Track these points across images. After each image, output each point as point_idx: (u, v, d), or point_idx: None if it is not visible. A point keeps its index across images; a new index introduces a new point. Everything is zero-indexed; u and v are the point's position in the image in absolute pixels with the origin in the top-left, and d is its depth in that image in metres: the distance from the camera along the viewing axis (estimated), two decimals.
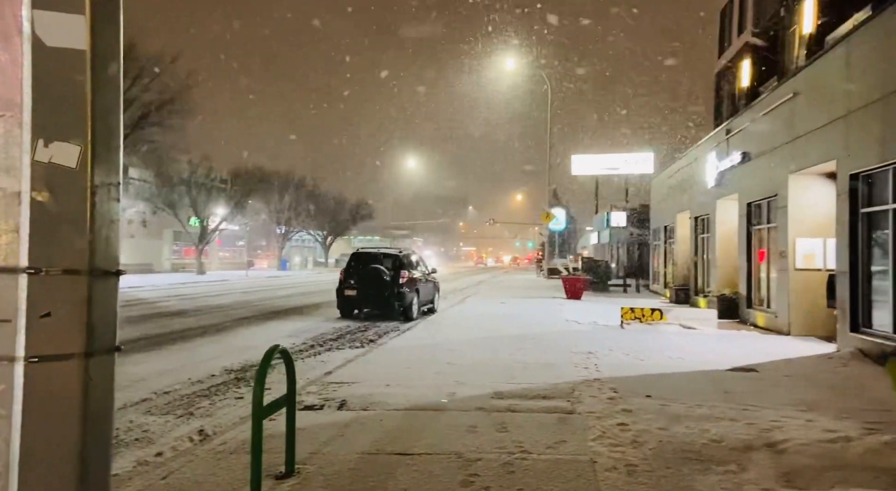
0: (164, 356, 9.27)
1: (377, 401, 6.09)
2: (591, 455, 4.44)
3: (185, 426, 5.60)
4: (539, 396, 6.32)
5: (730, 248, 15.89)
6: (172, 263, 45.87)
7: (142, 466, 4.50)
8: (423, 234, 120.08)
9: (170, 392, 6.90)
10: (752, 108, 14.46)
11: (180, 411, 6.13)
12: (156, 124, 31.38)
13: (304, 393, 6.48)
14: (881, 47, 8.81)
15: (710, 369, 8.16)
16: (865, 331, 9.24)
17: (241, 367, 8.45)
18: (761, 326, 13.23)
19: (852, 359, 8.78)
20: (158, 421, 5.76)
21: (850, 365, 8.48)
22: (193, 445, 4.95)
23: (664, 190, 24.23)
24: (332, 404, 5.99)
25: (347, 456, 4.45)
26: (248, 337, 11.49)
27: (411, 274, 15.03)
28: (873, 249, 9.35)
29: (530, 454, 4.46)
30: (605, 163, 44.99)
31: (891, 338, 8.54)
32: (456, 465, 4.25)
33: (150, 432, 5.41)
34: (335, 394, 6.42)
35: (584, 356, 8.96)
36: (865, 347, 8.94)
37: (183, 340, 10.89)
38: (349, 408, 5.86)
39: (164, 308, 17.03)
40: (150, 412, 6.08)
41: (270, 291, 25.74)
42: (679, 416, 5.51)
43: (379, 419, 5.44)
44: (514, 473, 4.09)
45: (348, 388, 6.72)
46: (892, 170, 8.63)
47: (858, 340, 9.20)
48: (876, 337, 8.87)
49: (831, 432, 4.92)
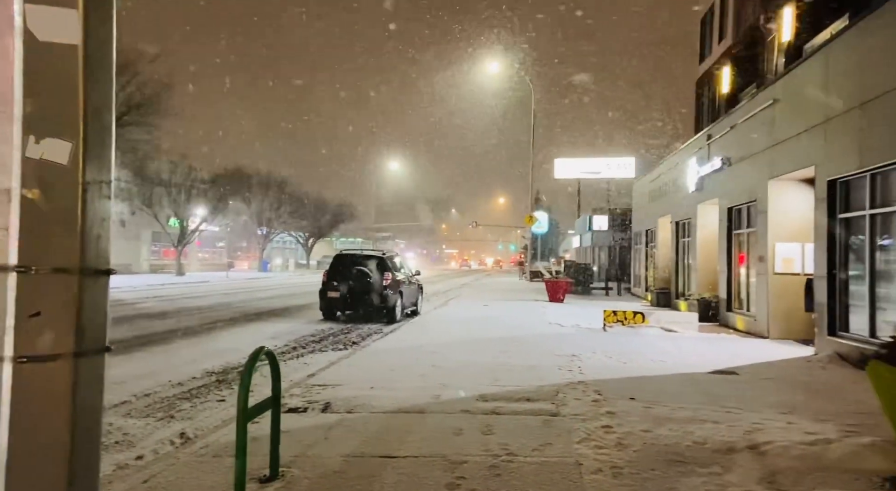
0: (143, 358, 9.13)
1: (361, 403, 6.06)
2: (577, 457, 4.45)
3: (166, 429, 5.52)
4: (524, 399, 6.33)
5: (710, 252, 16.09)
6: (151, 264, 45.24)
7: (122, 470, 4.43)
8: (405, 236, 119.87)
9: (150, 395, 6.80)
10: (732, 114, 14.67)
11: (161, 414, 6.05)
12: (135, 123, 30.96)
13: (287, 395, 6.42)
14: (858, 55, 8.99)
15: (692, 372, 8.24)
16: (843, 334, 9.41)
17: (222, 369, 8.36)
18: (741, 330, 13.41)
19: (830, 362, 8.93)
20: (138, 424, 5.67)
21: (828, 368, 8.62)
22: (175, 449, 4.89)
23: (646, 194, 24.47)
24: (316, 407, 5.94)
25: (332, 459, 4.42)
26: (229, 339, 11.36)
27: (395, 276, 15.00)
28: (850, 253, 9.53)
29: (516, 457, 4.46)
30: (588, 167, 45.40)
31: (868, 341, 8.69)
32: (442, 467, 4.24)
33: (130, 435, 5.33)
34: (319, 396, 6.38)
35: (568, 359, 9.00)
36: (843, 351, 9.09)
37: (163, 342, 10.75)
38: (333, 410, 5.82)
39: (143, 309, 16.79)
40: (129, 415, 5.99)
41: (251, 292, 25.51)
42: (663, 418, 5.56)
43: (363, 422, 5.41)
44: (501, 476, 4.10)
45: (332, 390, 6.68)
46: (869, 176, 8.81)
47: (836, 343, 9.36)
48: (853, 341, 9.03)
49: (811, 434, 4.99)
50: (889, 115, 8.05)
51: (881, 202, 8.69)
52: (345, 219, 66.37)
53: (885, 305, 8.62)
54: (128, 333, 11.56)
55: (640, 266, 26.06)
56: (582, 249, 47.86)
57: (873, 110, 8.42)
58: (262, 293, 24.90)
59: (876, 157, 8.40)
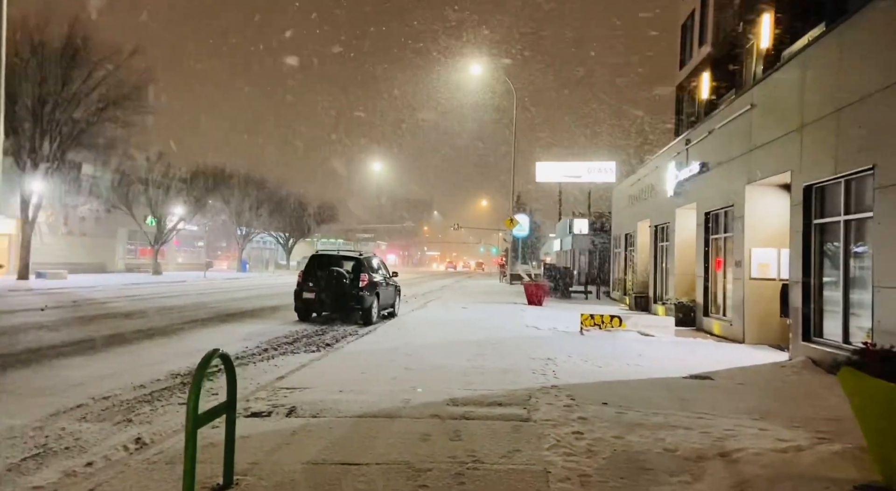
0: (107, 359, 8.84)
1: (328, 407, 5.89)
2: (545, 465, 4.32)
3: (122, 434, 5.30)
4: (495, 403, 6.20)
5: (688, 256, 16.13)
6: (127, 263, 44.43)
7: (69, 478, 4.22)
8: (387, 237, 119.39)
9: (109, 397, 6.55)
10: (710, 120, 14.72)
11: (118, 418, 5.81)
12: (111, 119, 30.39)
13: (252, 399, 6.23)
14: (834, 62, 9.02)
15: (667, 377, 8.18)
16: (817, 340, 9.42)
17: (188, 371, 8.11)
18: (717, 334, 13.42)
19: (804, 368, 8.93)
20: (93, 428, 5.44)
21: (801, 374, 8.61)
22: (128, 455, 4.68)
23: (625, 198, 24.54)
24: (281, 411, 5.76)
25: (291, 466, 4.24)
26: (199, 340, 11.09)
27: (371, 277, 14.81)
28: (825, 259, 9.55)
29: (483, 464, 4.32)
30: (569, 171, 45.52)
31: (841, 347, 8.70)
32: (405, 475, 4.09)
33: (82, 441, 5.10)
34: (285, 400, 6.19)
35: (543, 362, 8.90)
36: (816, 356, 9.10)
37: (129, 343, 10.45)
38: (298, 415, 5.63)
39: (113, 309, 16.39)
40: (84, 419, 5.74)
41: (228, 292, 25.12)
42: (635, 424, 5.46)
43: (328, 427, 5.24)
44: (465, 484, 3.95)
45: (299, 394, 6.50)
46: (843, 182, 8.82)
47: (810, 349, 9.36)
48: (827, 346, 9.04)
49: (783, 441, 4.92)
50: (863, 122, 8.07)
51: (855, 208, 8.71)
52: (325, 219, 65.84)
53: (858, 311, 8.64)
54: (94, 333, 11.24)
55: (620, 270, 26.13)
56: (562, 253, 47.99)
57: (848, 116, 8.44)
58: (238, 294, 24.53)
59: (850, 163, 8.41)
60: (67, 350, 9.47)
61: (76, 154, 32.02)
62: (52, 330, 11.70)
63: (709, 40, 24.86)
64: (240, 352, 9.81)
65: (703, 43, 25.88)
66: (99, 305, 17.57)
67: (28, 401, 6.33)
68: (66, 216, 37.47)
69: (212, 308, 17.39)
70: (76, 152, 31.56)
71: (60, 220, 37.06)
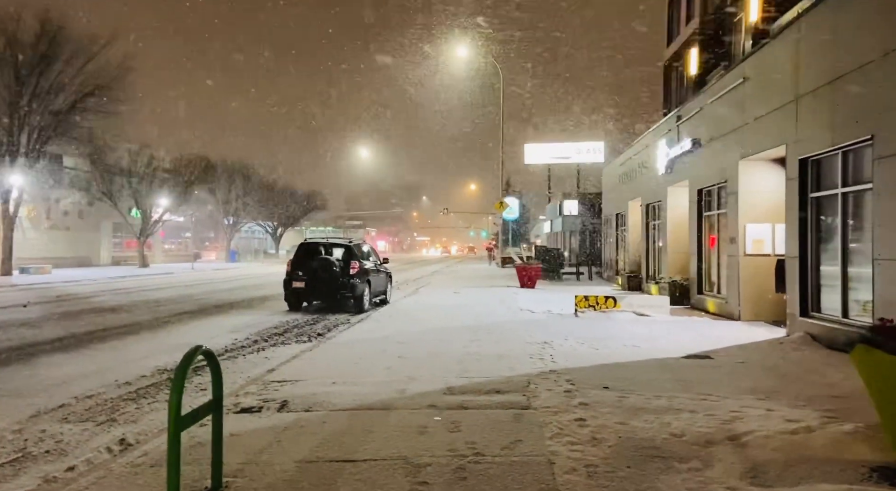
0: (90, 356, 8.57)
1: (321, 401, 5.68)
2: (549, 455, 4.15)
3: (105, 435, 5.07)
4: (493, 391, 6.02)
5: (681, 234, 15.99)
6: (113, 256, 43.82)
7: (48, 484, 4.00)
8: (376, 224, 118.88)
9: (92, 396, 6.31)
10: (702, 94, 14.50)
11: (102, 418, 5.58)
12: (91, 110, 29.71)
13: (242, 394, 6.02)
14: (829, 31, 8.80)
15: (666, 357, 8.04)
16: (815, 315, 9.31)
17: (175, 366, 7.84)
18: (712, 312, 13.33)
19: (802, 343, 8.82)
20: (75, 430, 5.20)
21: (800, 350, 8.50)
22: (112, 457, 4.45)
23: (616, 178, 24.36)
24: (272, 406, 5.54)
25: (284, 465, 4.04)
26: (186, 334, 10.84)
27: (362, 264, 14.56)
28: (822, 233, 9.42)
29: (484, 457, 4.14)
30: (557, 152, 45.20)
31: (840, 322, 8.60)
32: (403, 472, 3.89)
33: (63, 443, 4.87)
34: (276, 394, 5.98)
35: (540, 346, 8.73)
36: (815, 332, 9.00)
37: (114, 338, 10.17)
38: (290, 409, 5.42)
39: (98, 303, 16.06)
40: (66, 420, 5.50)
41: (216, 283, 24.79)
42: (638, 408, 5.30)
43: (322, 422, 5.03)
44: (467, 479, 3.76)
45: (291, 387, 6.28)
46: (841, 154, 8.66)
47: (808, 324, 9.26)
48: (825, 321, 8.94)
49: (792, 422, 4.77)
50: (862, 91, 7.88)
51: (853, 180, 8.56)
52: (314, 207, 65.28)
53: (857, 285, 8.52)
54: (77, 329, 10.94)
55: (611, 250, 26.03)
56: (553, 235, 47.88)
57: (845, 86, 8.25)
58: (226, 284, 24.21)
59: (848, 134, 8.24)
60: (49, 347, 9.19)
61: (56, 146, 31.35)
62: (33, 327, 11.38)
63: (696, 15, 24.57)
64: (229, 344, 9.58)
65: (690, 18, 25.59)
66: (83, 299, 17.21)
67: (7, 402, 6.07)
68: (48, 210, 36.80)
69: (199, 300, 17.09)
70: (56, 144, 30.89)
71: (43, 214, 36.40)
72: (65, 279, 25.95)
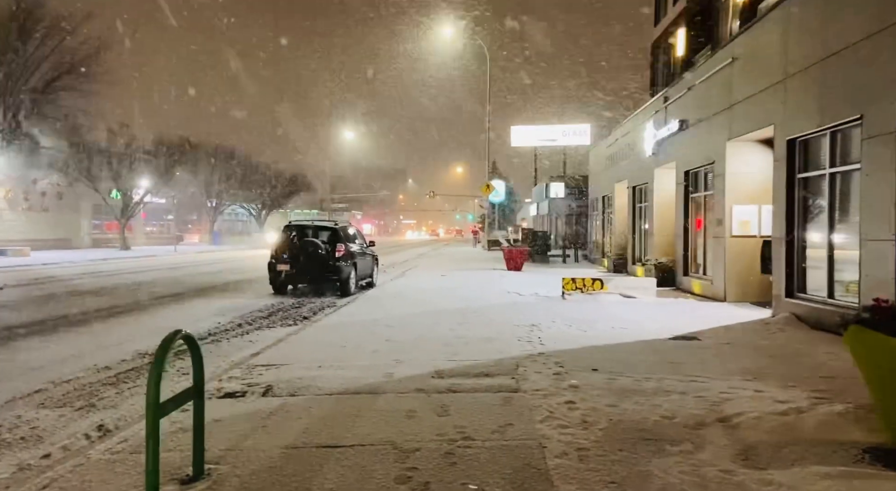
0: (69, 340, 8.37)
1: (307, 385, 5.57)
2: (540, 439, 4.08)
3: (84, 421, 4.92)
4: (482, 374, 5.95)
5: (667, 216, 16.00)
6: (94, 238, 43.18)
7: (22, 472, 3.86)
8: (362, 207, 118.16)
9: (71, 381, 6.14)
10: (690, 75, 14.40)
11: (80, 403, 5.42)
12: (67, 88, 29.03)
13: (225, 378, 5.89)
14: (819, 10, 8.72)
15: (653, 339, 8.03)
16: (800, 296, 9.34)
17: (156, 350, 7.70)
18: (698, 293, 13.38)
19: (788, 324, 8.86)
20: (52, 415, 5.05)
21: (786, 330, 8.53)
22: (89, 443, 4.33)
23: (602, 160, 24.29)
24: (256, 390, 5.42)
25: (268, 451, 3.93)
26: (168, 317, 10.65)
27: (348, 247, 14.40)
28: (809, 214, 9.42)
29: (473, 441, 4.06)
30: (544, 134, 45.11)
31: (826, 303, 8.63)
32: (392, 457, 3.81)
33: (39, 429, 4.72)
34: (261, 378, 5.86)
35: (528, 329, 8.68)
36: (800, 312, 9.03)
37: (94, 322, 9.96)
38: (275, 394, 5.31)
39: (77, 286, 15.76)
40: (43, 405, 5.35)
41: (199, 266, 24.48)
42: (627, 390, 5.25)
43: (307, 406, 4.92)
44: (457, 464, 3.69)
45: (276, 371, 6.17)
46: (829, 134, 8.63)
47: (793, 305, 9.29)
48: (811, 302, 8.97)
49: (782, 403, 4.75)
50: (851, 71, 7.82)
51: (841, 161, 8.53)
52: (299, 190, 64.62)
53: (843, 266, 8.55)
54: (55, 312, 10.71)
55: (598, 233, 26.05)
56: (539, 218, 47.89)
57: (835, 66, 8.18)
58: (210, 267, 23.92)
59: (837, 114, 8.20)
60: (26, 331, 8.97)
61: (33, 125, 30.63)
62: (10, 310, 11.14)
63: None
64: (212, 328, 9.41)
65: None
66: (62, 282, 16.89)
67: None
68: (26, 191, 36.06)
69: (182, 283, 16.84)
70: (33, 123, 30.19)
71: (20, 195, 35.66)
72: (44, 262, 25.49)
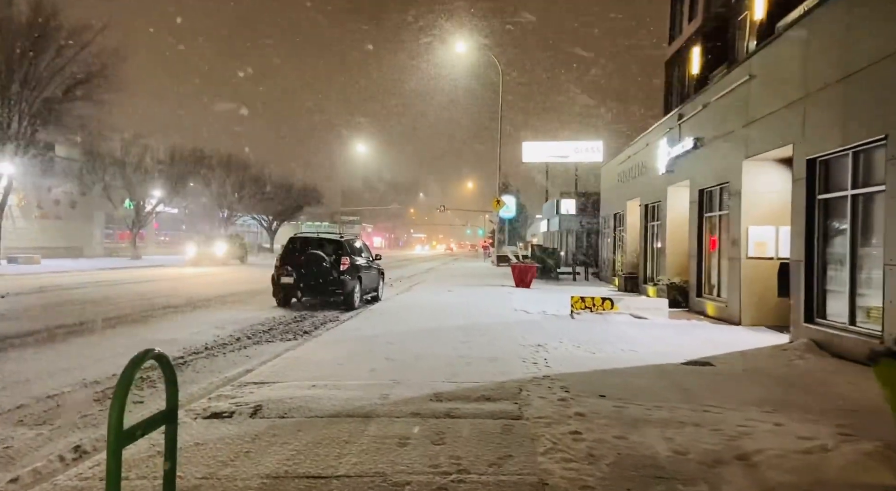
0: (62, 351, 8.15)
1: (298, 405, 5.30)
2: (541, 474, 3.77)
3: (61, 440, 4.67)
4: (483, 398, 5.64)
5: (680, 235, 15.64)
6: (106, 247, 43.31)
7: None
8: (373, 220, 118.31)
9: (55, 396, 5.91)
10: (705, 93, 14.13)
11: (61, 421, 5.18)
12: (83, 98, 29.17)
13: (215, 396, 5.63)
14: (842, 26, 8.43)
15: (665, 363, 7.68)
16: (820, 322, 8.96)
17: (149, 364, 7.45)
18: (711, 316, 12.98)
19: (807, 351, 8.46)
20: (28, 434, 4.80)
21: (805, 357, 8.14)
22: (63, 466, 4.07)
23: (614, 177, 23.99)
24: (245, 411, 5.15)
25: (248, 481, 3.65)
26: (167, 328, 10.43)
27: (353, 260, 14.17)
28: (830, 236, 9.06)
29: (469, 475, 3.76)
30: (555, 150, 44.91)
31: (847, 329, 8.25)
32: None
33: (12, 450, 4.47)
34: (251, 397, 5.59)
35: (534, 349, 8.36)
36: (820, 339, 8.64)
37: (90, 333, 9.75)
38: (264, 415, 5.03)
39: (81, 296, 15.62)
40: (22, 422, 5.10)
41: (206, 277, 24.36)
42: (637, 420, 4.92)
43: (296, 430, 4.64)
44: None
45: (268, 389, 5.90)
46: (851, 154, 8.30)
47: (813, 330, 8.91)
48: (831, 328, 8.58)
49: (805, 440, 4.41)
50: (877, 88, 7.51)
51: (864, 182, 8.20)
52: (310, 202, 64.69)
53: (865, 291, 8.18)
54: (52, 323, 10.51)
55: (609, 251, 25.67)
56: (549, 234, 47.54)
57: (858, 84, 7.88)
58: (217, 278, 23.78)
59: (860, 133, 7.88)
60: (20, 342, 8.77)
61: (48, 134, 30.84)
62: (7, 319, 10.97)
63: (699, 13, 24.18)
64: (210, 341, 9.18)
65: (693, 17, 25.21)
66: (67, 291, 16.78)
67: None
68: (39, 199, 36.26)
69: (186, 294, 16.67)
70: (48, 132, 30.39)
71: (33, 203, 35.86)
72: (53, 270, 25.50)
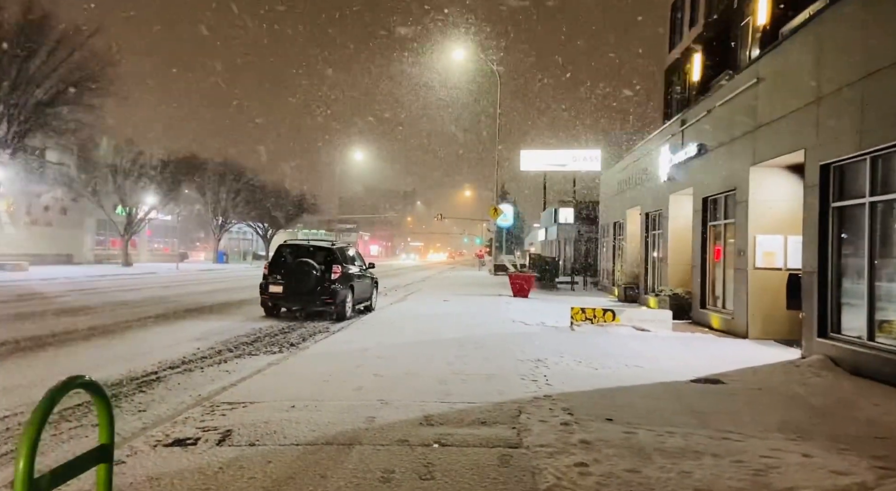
0: (25, 366, 7.59)
1: (272, 431, 4.77)
2: None
3: (4, 470, 4.14)
4: (478, 422, 5.13)
5: (683, 245, 15.18)
6: (97, 254, 42.68)
7: None
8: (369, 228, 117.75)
9: (5, 418, 5.37)
10: (709, 98, 13.71)
11: (6, 447, 4.64)
12: (74, 103, 28.69)
13: (181, 420, 5.10)
14: (858, 24, 8.00)
15: (673, 380, 7.18)
16: (835, 336, 8.46)
17: (119, 379, 6.95)
18: (716, 328, 12.49)
19: (823, 367, 7.97)
20: None
21: (822, 375, 7.64)
22: None
23: (614, 185, 23.56)
24: (212, 437, 4.62)
25: None
26: (146, 340, 9.88)
27: (345, 269, 13.65)
28: (845, 246, 8.59)
29: None
30: (554, 159, 44.49)
31: (865, 345, 7.76)
32: None
33: None
34: (222, 420, 5.06)
35: (533, 365, 7.85)
36: (836, 354, 8.15)
37: (62, 344, 9.19)
38: (232, 443, 4.51)
39: (63, 304, 15.06)
40: None
41: (196, 285, 23.79)
42: (650, 450, 4.41)
43: (266, 461, 4.12)
44: None
45: (242, 411, 5.37)
46: (869, 159, 7.84)
47: (827, 345, 8.41)
48: (848, 343, 8.09)
49: (840, 475, 3.91)
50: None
51: (882, 189, 7.73)
52: (306, 210, 64.15)
53: (885, 304, 7.69)
54: (22, 333, 9.94)
55: (608, 260, 25.20)
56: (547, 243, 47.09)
57: (876, 85, 7.43)
58: (207, 286, 23.22)
59: (879, 137, 7.42)
60: None
61: (38, 139, 30.33)
62: None
63: (700, 20, 23.86)
64: (189, 355, 8.64)
65: (694, 23, 24.88)
66: (48, 299, 16.21)
67: None
68: (28, 205, 35.69)
69: (173, 302, 16.12)
70: (38, 138, 29.89)
71: (23, 209, 35.28)
72: (40, 277, 24.91)
